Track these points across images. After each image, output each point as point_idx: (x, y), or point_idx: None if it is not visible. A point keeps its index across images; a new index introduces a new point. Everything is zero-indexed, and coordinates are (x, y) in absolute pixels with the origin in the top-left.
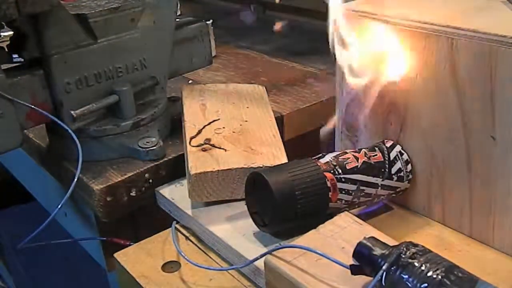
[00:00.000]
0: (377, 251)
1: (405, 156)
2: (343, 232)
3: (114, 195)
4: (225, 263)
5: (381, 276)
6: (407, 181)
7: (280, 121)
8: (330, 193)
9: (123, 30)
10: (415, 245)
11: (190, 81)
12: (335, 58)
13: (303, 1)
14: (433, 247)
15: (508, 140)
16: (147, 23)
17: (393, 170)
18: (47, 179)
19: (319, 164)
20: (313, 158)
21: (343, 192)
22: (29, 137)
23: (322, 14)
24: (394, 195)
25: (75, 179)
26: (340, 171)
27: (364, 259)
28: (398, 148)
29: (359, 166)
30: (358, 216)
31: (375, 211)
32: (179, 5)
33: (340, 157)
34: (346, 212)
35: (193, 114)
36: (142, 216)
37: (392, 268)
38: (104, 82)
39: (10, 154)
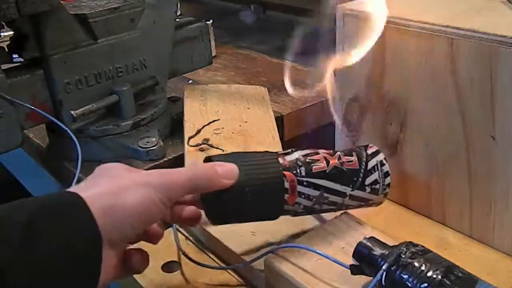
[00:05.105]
0: (377, 251)
1: (385, 168)
2: (343, 232)
3: None
4: (225, 263)
5: (381, 276)
6: (382, 195)
7: (280, 121)
8: (287, 195)
9: (123, 30)
10: (415, 245)
11: (190, 81)
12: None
13: (303, 1)
14: (433, 247)
15: (508, 140)
16: (147, 23)
17: (368, 180)
18: (47, 179)
19: (282, 161)
20: (280, 153)
21: (303, 196)
22: (29, 137)
23: (322, 14)
24: (365, 206)
25: (75, 179)
26: (303, 173)
27: (364, 259)
28: (380, 157)
29: (327, 171)
30: None
31: None
32: (179, 5)
33: (309, 157)
34: (346, 212)
35: (193, 114)
36: None
37: (392, 268)
38: (104, 82)
39: (10, 154)
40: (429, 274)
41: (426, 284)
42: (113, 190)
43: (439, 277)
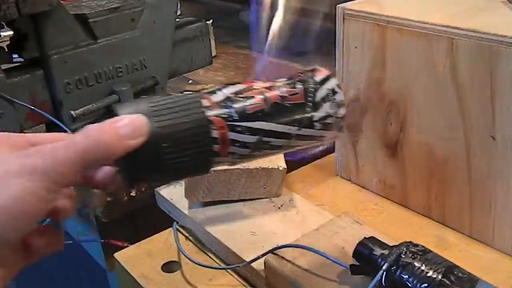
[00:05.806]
0: (377, 251)
1: (339, 96)
2: (343, 232)
3: (114, 195)
4: (225, 263)
5: (381, 276)
6: (336, 129)
7: None
8: (217, 146)
9: (123, 30)
10: (415, 245)
11: (190, 81)
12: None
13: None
14: (433, 247)
15: (508, 140)
16: (147, 23)
17: (317, 116)
18: None
19: (207, 103)
20: (204, 92)
21: (237, 145)
22: None
23: (323, 14)
24: (317, 144)
25: None
26: (236, 117)
27: (364, 259)
28: (331, 84)
29: (265, 110)
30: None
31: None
32: (179, 5)
33: (241, 94)
34: (345, 212)
35: None
36: (142, 216)
37: (392, 268)
38: (104, 82)
39: None
40: (429, 274)
41: (426, 284)
42: None
43: (439, 277)
